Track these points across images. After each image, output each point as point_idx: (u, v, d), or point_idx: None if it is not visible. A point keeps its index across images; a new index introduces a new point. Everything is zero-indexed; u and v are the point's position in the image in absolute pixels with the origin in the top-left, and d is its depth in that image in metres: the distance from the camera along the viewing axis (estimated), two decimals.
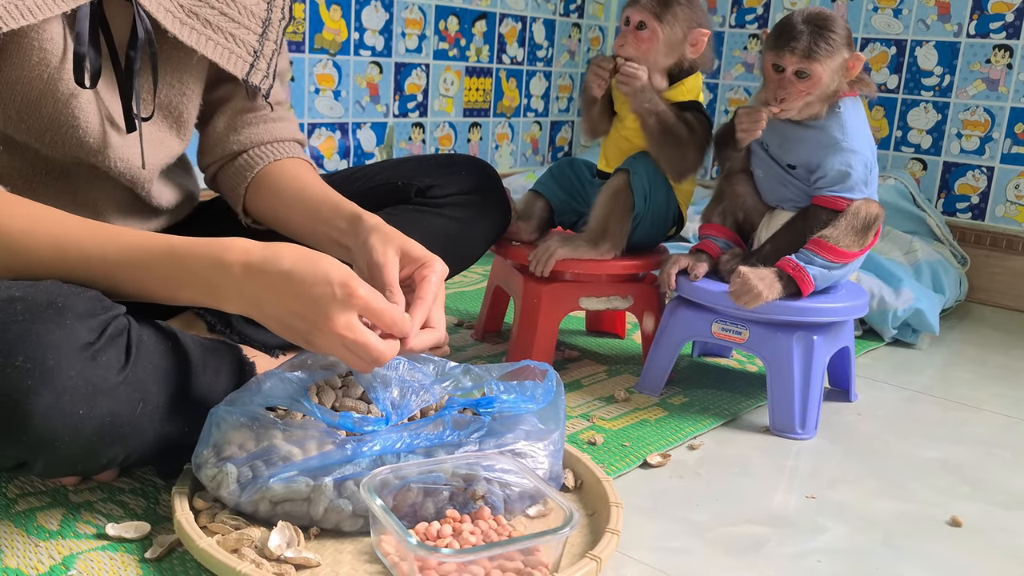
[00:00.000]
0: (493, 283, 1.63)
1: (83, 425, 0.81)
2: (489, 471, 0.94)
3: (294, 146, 1.23)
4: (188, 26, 1.06)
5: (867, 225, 1.31)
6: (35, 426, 0.78)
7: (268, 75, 1.16)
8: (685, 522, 1.04)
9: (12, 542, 0.88)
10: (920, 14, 2.25)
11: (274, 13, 1.17)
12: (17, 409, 0.78)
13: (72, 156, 1.03)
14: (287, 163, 1.20)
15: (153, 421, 0.88)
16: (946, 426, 1.40)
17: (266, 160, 1.19)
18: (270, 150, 1.20)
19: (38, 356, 0.78)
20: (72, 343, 0.80)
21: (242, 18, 1.12)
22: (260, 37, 1.15)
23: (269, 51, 1.16)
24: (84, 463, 0.87)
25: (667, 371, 1.41)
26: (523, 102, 2.69)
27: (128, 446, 0.87)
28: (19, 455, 0.82)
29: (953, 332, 1.93)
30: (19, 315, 0.79)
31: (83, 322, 0.82)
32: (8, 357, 0.77)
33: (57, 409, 0.79)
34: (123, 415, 0.84)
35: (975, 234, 2.21)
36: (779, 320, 1.30)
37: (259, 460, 0.90)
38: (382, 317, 0.88)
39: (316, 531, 0.90)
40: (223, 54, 1.10)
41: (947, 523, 1.08)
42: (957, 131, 2.23)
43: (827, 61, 1.27)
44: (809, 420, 1.30)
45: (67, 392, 0.79)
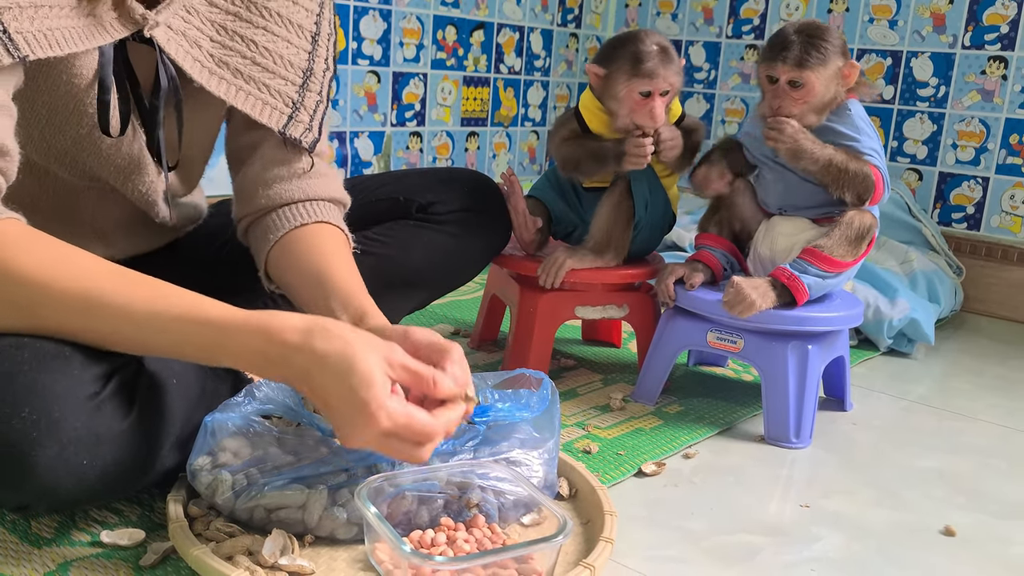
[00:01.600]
0: (490, 292, 1.63)
1: (86, 474, 0.81)
2: (483, 479, 0.94)
3: (327, 207, 1.11)
4: (217, 76, 1.00)
5: (861, 235, 1.31)
6: (39, 477, 0.78)
7: (311, 128, 1.09)
8: (680, 531, 1.04)
9: (6, 549, 0.88)
10: (916, 25, 2.26)
11: (316, 64, 1.09)
12: (22, 461, 0.77)
13: (89, 176, 1.03)
14: (316, 229, 1.08)
15: (156, 461, 0.89)
16: (941, 436, 1.40)
17: (293, 223, 1.07)
18: (299, 211, 1.09)
19: (44, 408, 0.77)
20: (78, 394, 0.80)
21: (278, 68, 1.05)
22: (300, 88, 1.07)
23: (312, 103, 1.09)
24: (87, 503, 0.87)
25: (663, 380, 1.41)
26: (520, 112, 2.70)
27: (130, 487, 0.88)
28: (22, 501, 0.82)
29: (948, 342, 1.93)
30: (25, 364, 0.78)
31: (89, 370, 0.81)
32: (14, 408, 0.77)
33: (61, 460, 0.78)
34: (126, 460, 0.84)
35: (971, 244, 2.22)
36: (774, 329, 1.30)
37: (254, 467, 0.90)
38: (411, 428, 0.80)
39: (310, 539, 0.90)
40: (255, 105, 1.03)
41: (941, 533, 1.09)
42: (952, 142, 2.24)
43: (819, 70, 1.27)
44: (804, 429, 1.30)
45: (72, 443, 0.79)
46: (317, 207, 1.10)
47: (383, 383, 0.78)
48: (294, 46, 1.07)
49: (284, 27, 1.05)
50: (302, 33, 1.08)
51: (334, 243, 1.08)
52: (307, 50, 1.08)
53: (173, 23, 0.95)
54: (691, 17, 2.67)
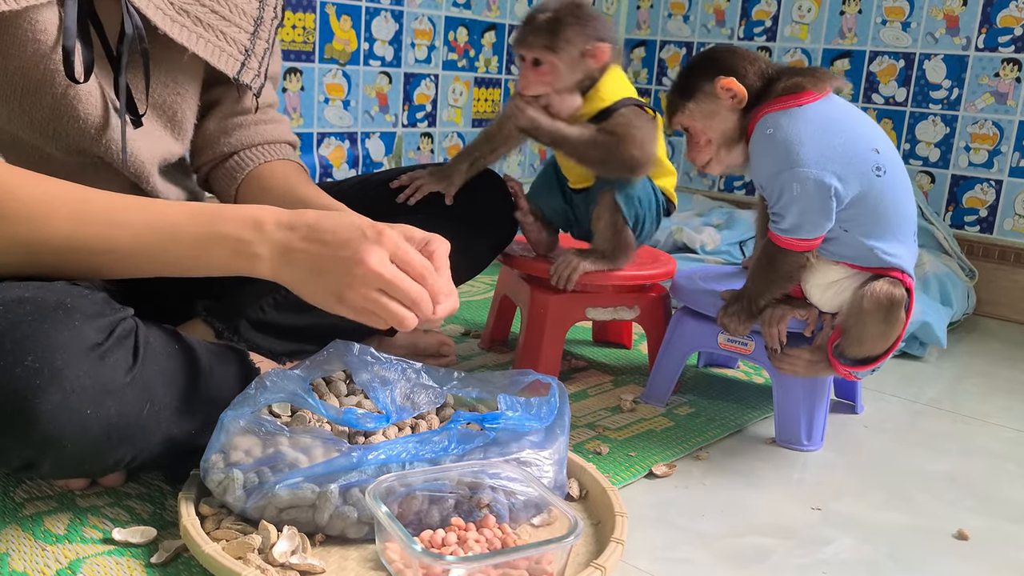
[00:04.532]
0: (500, 293, 1.63)
1: (90, 425, 0.82)
2: (494, 479, 0.94)
3: (285, 148, 1.23)
4: (179, 24, 1.05)
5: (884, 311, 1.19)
6: (43, 425, 0.79)
7: (259, 74, 1.17)
8: (690, 532, 1.04)
9: (19, 546, 0.89)
10: (929, 27, 2.25)
11: (266, 12, 1.16)
12: (26, 408, 0.78)
13: (77, 149, 1.03)
14: (277, 164, 1.21)
15: (160, 423, 0.89)
16: (953, 439, 1.39)
17: (257, 161, 1.20)
18: (261, 152, 1.21)
19: (47, 356, 0.79)
20: (80, 343, 0.81)
21: (233, 16, 1.12)
22: (252, 36, 1.14)
23: (261, 50, 1.16)
24: (91, 464, 0.87)
25: (673, 381, 1.41)
26: None
27: (135, 447, 0.88)
28: (27, 455, 0.83)
29: (961, 345, 1.92)
30: (28, 315, 0.80)
31: (91, 323, 0.83)
32: (17, 357, 0.78)
33: (65, 408, 0.79)
34: (130, 416, 0.85)
35: (983, 247, 2.21)
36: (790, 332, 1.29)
37: (265, 466, 0.90)
38: (411, 263, 0.88)
39: (321, 538, 0.90)
40: (213, 52, 1.10)
41: (954, 536, 1.08)
42: (965, 144, 2.23)
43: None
44: (815, 432, 1.30)
45: (75, 392, 0.80)
46: (276, 148, 1.21)
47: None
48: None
49: None
50: None
51: (298, 173, 1.20)
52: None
53: None
54: (703, 19, 2.67)
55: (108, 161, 1.06)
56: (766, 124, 1.18)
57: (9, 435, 0.80)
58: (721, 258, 2.06)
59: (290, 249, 0.87)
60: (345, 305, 0.88)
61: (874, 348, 1.22)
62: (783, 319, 1.26)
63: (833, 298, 1.25)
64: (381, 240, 0.86)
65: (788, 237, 1.19)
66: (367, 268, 0.85)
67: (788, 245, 1.19)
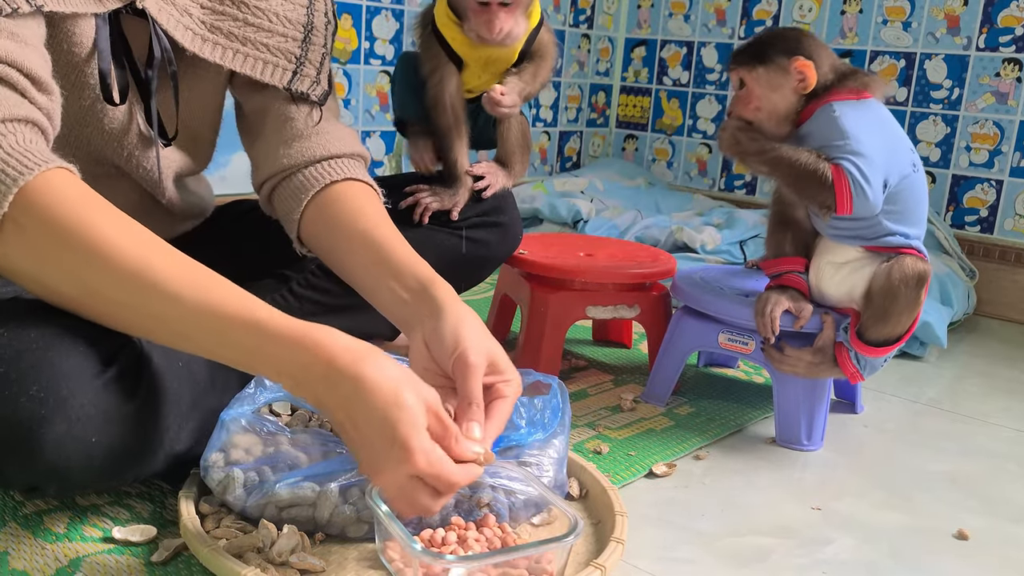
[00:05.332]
0: (500, 291, 1.63)
1: (95, 452, 0.81)
2: (494, 478, 0.94)
3: (355, 163, 1.09)
4: (211, 43, 1.01)
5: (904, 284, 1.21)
6: (48, 454, 0.78)
7: (319, 80, 1.09)
8: (690, 532, 1.04)
9: (19, 544, 0.89)
10: (929, 27, 2.25)
11: (317, 17, 1.09)
12: (31, 438, 0.77)
13: (97, 158, 1.03)
14: (349, 188, 1.05)
15: (163, 443, 0.89)
16: (953, 439, 1.39)
17: (323, 180, 1.04)
18: (328, 168, 1.06)
19: (52, 385, 0.78)
20: (86, 371, 0.80)
21: (276, 26, 1.06)
22: (303, 43, 1.08)
23: (316, 56, 1.09)
24: (96, 484, 0.87)
25: (673, 381, 1.40)
26: (532, 112, 2.69)
27: (139, 468, 0.88)
28: (32, 481, 0.83)
29: (961, 345, 1.92)
30: (33, 343, 0.79)
31: (95, 349, 0.82)
32: (23, 386, 0.77)
33: (70, 438, 0.79)
34: (134, 441, 0.85)
35: (984, 247, 2.21)
36: (785, 331, 1.29)
37: (265, 465, 0.90)
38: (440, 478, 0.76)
39: (321, 536, 0.90)
40: (254, 65, 1.04)
41: (954, 536, 1.08)
42: (966, 144, 2.23)
43: (757, 69, 1.23)
44: (815, 432, 1.30)
45: (80, 420, 0.79)
46: (345, 163, 1.07)
47: (424, 425, 0.75)
48: (289, 2, 1.07)
49: None
50: None
51: (371, 203, 1.04)
52: (304, 4, 1.09)
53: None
54: (703, 18, 2.67)
55: (127, 172, 1.05)
56: (832, 108, 1.21)
57: (15, 464, 0.79)
58: (721, 258, 2.06)
59: (323, 406, 0.78)
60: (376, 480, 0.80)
61: (897, 326, 1.23)
62: (777, 306, 1.25)
63: (842, 281, 1.26)
64: (412, 466, 0.74)
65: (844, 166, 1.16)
66: (383, 481, 0.77)
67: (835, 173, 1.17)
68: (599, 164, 2.84)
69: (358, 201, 1.04)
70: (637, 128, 2.90)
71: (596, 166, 2.82)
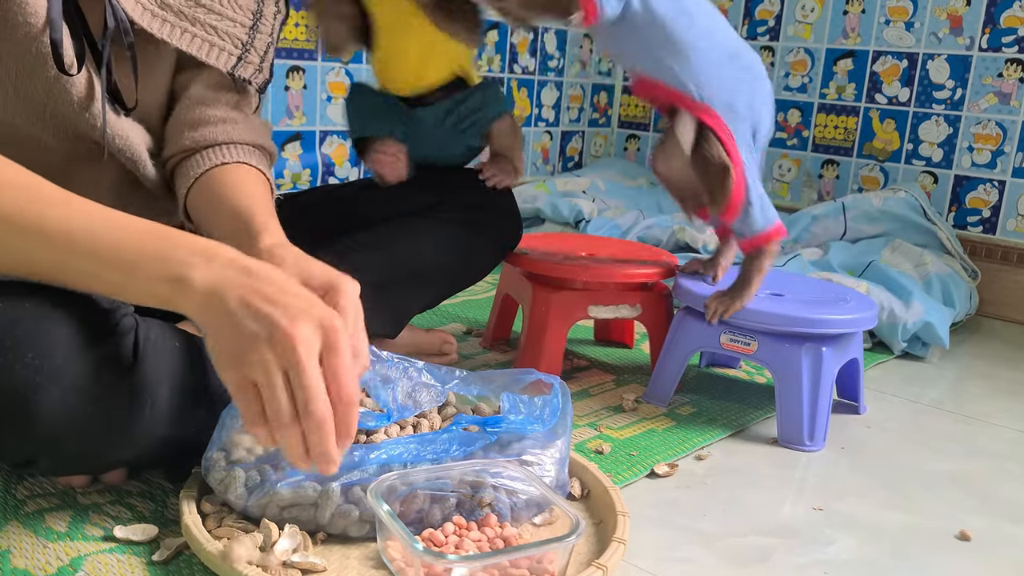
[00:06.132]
0: (502, 291, 1.63)
1: (90, 423, 0.81)
2: (496, 478, 0.94)
3: (252, 152, 1.11)
4: (159, 18, 1.01)
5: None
6: (43, 423, 0.79)
7: (261, 69, 1.10)
8: (692, 532, 1.04)
9: (20, 543, 0.89)
10: (932, 27, 2.25)
11: (267, 6, 1.11)
12: (26, 405, 0.78)
13: (73, 134, 1.01)
14: (236, 169, 1.07)
15: (161, 422, 0.88)
16: (955, 439, 1.39)
17: (212, 163, 1.06)
18: (221, 152, 1.08)
19: (47, 353, 0.79)
20: (81, 342, 0.81)
21: (226, 10, 1.06)
22: (250, 30, 1.08)
23: (262, 44, 1.10)
24: (91, 462, 0.87)
25: (675, 381, 1.40)
26: (534, 112, 2.69)
27: (136, 446, 0.88)
28: (26, 452, 0.83)
29: (963, 346, 1.92)
30: (29, 312, 0.80)
31: (92, 320, 0.83)
32: (17, 354, 0.78)
33: (64, 406, 0.79)
34: (131, 415, 0.85)
35: (986, 248, 2.21)
36: (788, 331, 1.29)
37: (267, 464, 0.90)
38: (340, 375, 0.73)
39: (323, 536, 0.90)
40: (201, 46, 1.04)
41: (956, 537, 1.08)
42: (969, 144, 2.23)
43: None
44: (817, 432, 1.30)
45: (75, 390, 0.80)
46: (239, 149, 1.09)
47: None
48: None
49: None
50: None
51: (252, 182, 1.05)
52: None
53: None
54: None
55: (103, 146, 1.04)
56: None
57: (9, 432, 0.80)
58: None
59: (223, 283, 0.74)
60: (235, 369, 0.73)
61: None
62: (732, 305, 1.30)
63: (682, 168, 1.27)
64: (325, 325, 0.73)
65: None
66: (288, 336, 0.71)
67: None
68: (601, 164, 2.84)
69: (239, 180, 1.05)
70: (639, 128, 2.90)
71: (598, 166, 2.82)
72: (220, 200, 1.02)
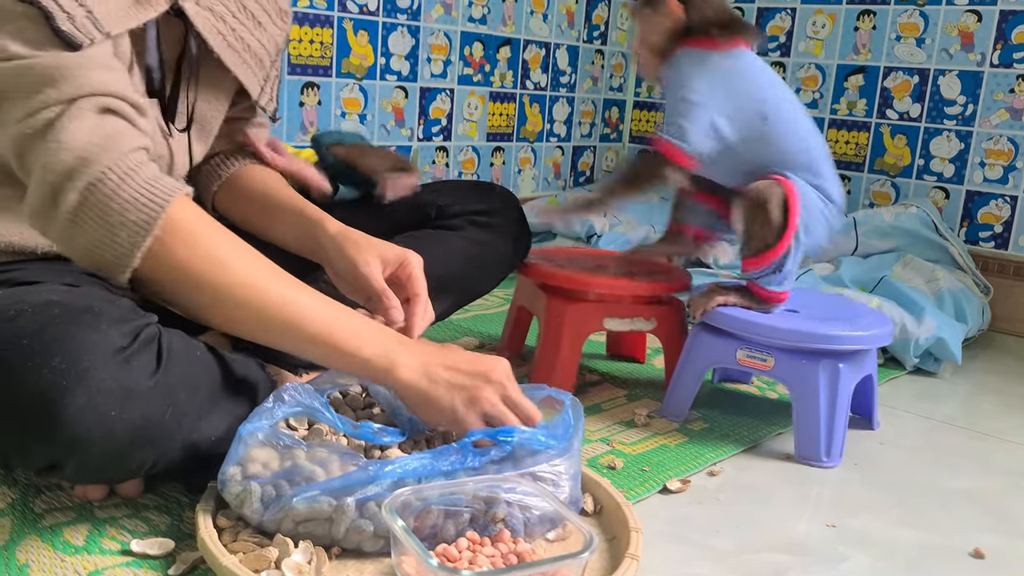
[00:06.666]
0: (517, 303, 1.64)
1: (115, 427, 0.83)
2: (510, 494, 0.94)
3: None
4: (232, 49, 1.10)
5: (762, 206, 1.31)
6: (69, 426, 0.80)
7: (272, 98, 1.23)
8: (705, 548, 1.04)
9: (39, 556, 0.89)
10: (943, 43, 2.25)
11: (284, 45, 1.23)
12: (53, 408, 0.80)
13: None
14: (255, 169, 1.25)
15: (181, 427, 0.90)
16: (969, 456, 1.39)
17: (237, 164, 1.24)
18: (238, 154, 1.25)
19: (74, 358, 0.80)
20: (107, 346, 0.82)
21: (269, 45, 1.17)
22: (272, 63, 1.20)
23: (273, 76, 1.22)
24: (114, 467, 0.88)
25: (691, 397, 1.40)
26: (546, 127, 2.70)
27: (157, 451, 0.89)
28: (52, 455, 0.84)
29: (976, 362, 1.91)
30: (56, 318, 0.82)
31: (117, 327, 0.84)
32: (45, 358, 0.80)
33: (91, 410, 0.81)
34: (153, 419, 0.86)
35: (998, 263, 2.20)
36: (805, 347, 1.30)
37: (283, 479, 0.91)
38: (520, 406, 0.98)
39: (337, 551, 0.91)
40: (249, 76, 1.15)
41: (970, 555, 1.08)
42: (980, 160, 2.23)
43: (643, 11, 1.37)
44: (835, 448, 1.30)
45: (100, 393, 0.81)
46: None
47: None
48: (279, 28, 1.19)
49: (276, 11, 1.18)
50: (286, 18, 1.21)
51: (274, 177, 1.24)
52: (287, 31, 1.22)
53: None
54: None
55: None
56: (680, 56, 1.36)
57: (36, 435, 0.82)
58: (735, 272, 2.06)
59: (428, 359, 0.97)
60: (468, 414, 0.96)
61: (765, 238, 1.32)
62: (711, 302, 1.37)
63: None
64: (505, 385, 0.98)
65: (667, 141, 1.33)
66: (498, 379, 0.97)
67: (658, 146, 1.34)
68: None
69: (260, 174, 1.24)
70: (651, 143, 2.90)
71: None
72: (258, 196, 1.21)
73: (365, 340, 0.95)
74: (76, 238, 0.87)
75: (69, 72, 0.87)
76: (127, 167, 0.87)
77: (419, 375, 0.95)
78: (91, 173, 0.85)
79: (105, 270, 0.89)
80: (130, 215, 0.86)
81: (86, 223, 0.86)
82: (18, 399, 0.80)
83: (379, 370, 0.95)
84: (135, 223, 0.86)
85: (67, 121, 0.85)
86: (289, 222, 1.17)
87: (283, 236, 1.18)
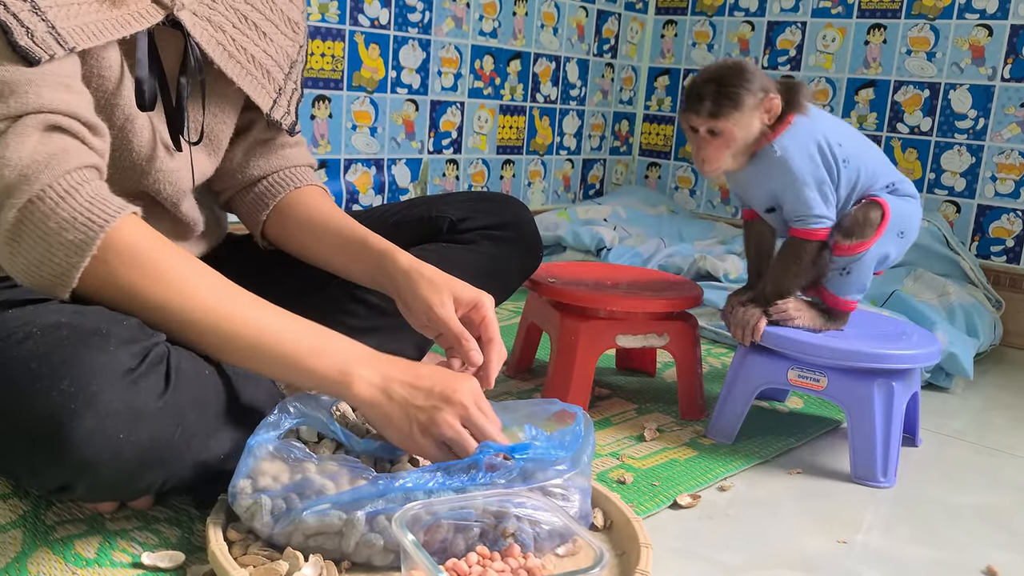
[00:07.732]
0: (527, 319, 1.64)
1: (124, 449, 0.83)
2: (520, 508, 0.94)
3: (307, 171, 1.26)
4: (235, 60, 1.09)
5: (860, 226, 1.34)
6: (78, 449, 0.80)
7: (289, 112, 1.20)
8: (715, 564, 1.04)
9: (50, 569, 0.90)
10: (954, 57, 2.25)
11: (300, 54, 1.21)
12: (61, 432, 0.80)
13: (125, 183, 1.05)
14: (306, 191, 1.23)
15: (191, 447, 0.90)
16: (980, 472, 1.38)
17: (285, 189, 1.22)
18: (287, 177, 1.23)
19: (82, 381, 0.80)
20: (115, 369, 0.82)
21: (279, 56, 1.16)
22: (286, 76, 1.18)
23: (290, 90, 1.19)
24: (124, 487, 0.88)
25: (741, 417, 1.39)
26: (556, 140, 2.71)
27: (167, 471, 0.89)
28: (63, 477, 0.84)
29: (987, 376, 1.91)
30: (65, 340, 0.82)
31: (125, 348, 0.84)
32: (54, 381, 0.80)
33: (100, 432, 0.81)
34: (162, 440, 0.86)
35: (1010, 278, 2.20)
36: (859, 367, 1.29)
37: (293, 492, 0.91)
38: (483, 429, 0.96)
39: (347, 565, 0.91)
40: (256, 88, 1.13)
41: (982, 572, 1.07)
42: (992, 174, 2.22)
43: (734, 116, 1.26)
44: (890, 467, 1.29)
45: (109, 416, 0.81)
46: (301, 172, 1.24)
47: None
48: (289, 39, 1.18)
49: (284, 21, 1.16)
50: (298, 28, 1.19)
51: (326, 200, 1.24)
52: (300, 44, 1.20)
53: (198, 10, 1.04)
54: (727, 48, 2.68)
55: (151, 194, 1.08)
56: (773, 149, 1.30)
57: (45, 458, 0.82)
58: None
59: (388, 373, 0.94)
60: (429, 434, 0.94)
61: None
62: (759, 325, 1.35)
63: None
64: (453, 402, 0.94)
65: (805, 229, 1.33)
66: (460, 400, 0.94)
67: (806, 235, 1.33)
68: (622, 192, 2.85)
69: (313, 200, 1.22)
70: (660, 156, 2.91)
71: (619, 194, 2.83)
72: (316, 224, 1.19)
73: (322, 354, 0.93)
74: (16, 257, 0.86)
75: (18, 87, 0.86)
76: (68, 185, 0.85)
77: (377, 391, 0.93)
78: (30, 191, 0.84)
79: (46, 290, 0.88)
80: (68, 235, 0.84)
81: (24, 242, 0.85)
82: (27, 422, 0.81)
83: (336, 384, 0.93)
84: (72, 243, 0.84)
85: (11, 138, 0.85)
86: (351, 254, 1.15)
87: (346, 267, 1.17)
